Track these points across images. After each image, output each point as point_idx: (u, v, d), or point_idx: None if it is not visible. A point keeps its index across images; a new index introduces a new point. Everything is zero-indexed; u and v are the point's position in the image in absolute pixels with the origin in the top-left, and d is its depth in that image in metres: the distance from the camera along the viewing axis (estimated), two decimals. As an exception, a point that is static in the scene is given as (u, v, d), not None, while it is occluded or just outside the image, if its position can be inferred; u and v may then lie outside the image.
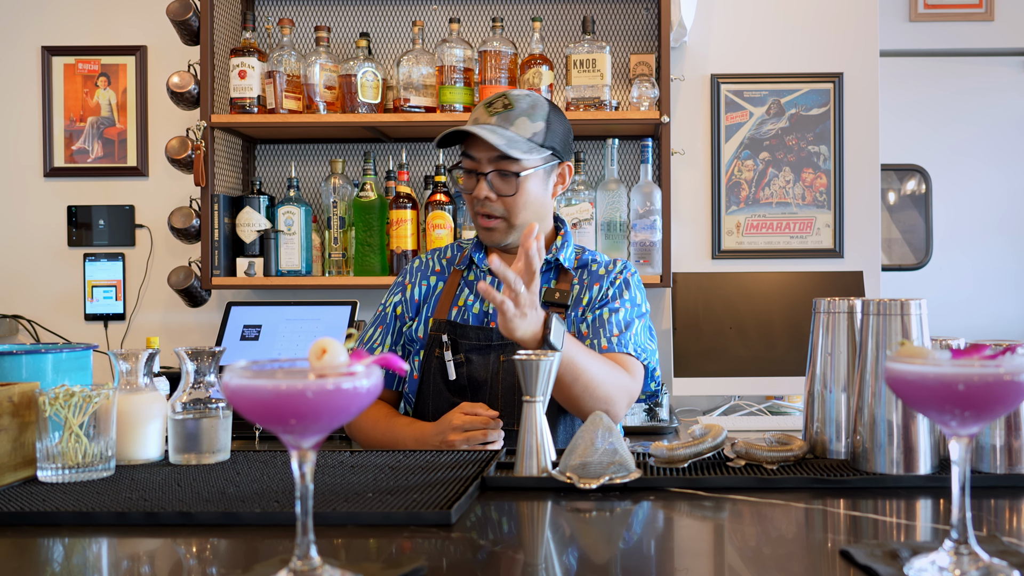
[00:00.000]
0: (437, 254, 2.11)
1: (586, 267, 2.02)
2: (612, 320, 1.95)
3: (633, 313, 1.98)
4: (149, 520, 1.14)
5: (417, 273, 2.07)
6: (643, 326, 2.01)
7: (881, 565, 0.93)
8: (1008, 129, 4.23)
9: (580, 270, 2.02)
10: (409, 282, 2.06)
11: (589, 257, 2.05)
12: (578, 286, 2.00)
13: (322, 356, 0.90)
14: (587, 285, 2.00)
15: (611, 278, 2.00)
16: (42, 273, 3.26)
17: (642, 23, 3.17)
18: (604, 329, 1.94)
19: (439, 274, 2.06)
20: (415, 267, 2.09)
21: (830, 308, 1.45)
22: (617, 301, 1.97)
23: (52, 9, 3.26)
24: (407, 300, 2.03)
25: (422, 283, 2.04)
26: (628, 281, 2.02)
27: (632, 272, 2.04)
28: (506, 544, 1.09)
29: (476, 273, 2.01)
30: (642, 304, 2.03)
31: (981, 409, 0.89)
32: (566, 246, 2.02)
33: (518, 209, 1.91)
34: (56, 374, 1.47)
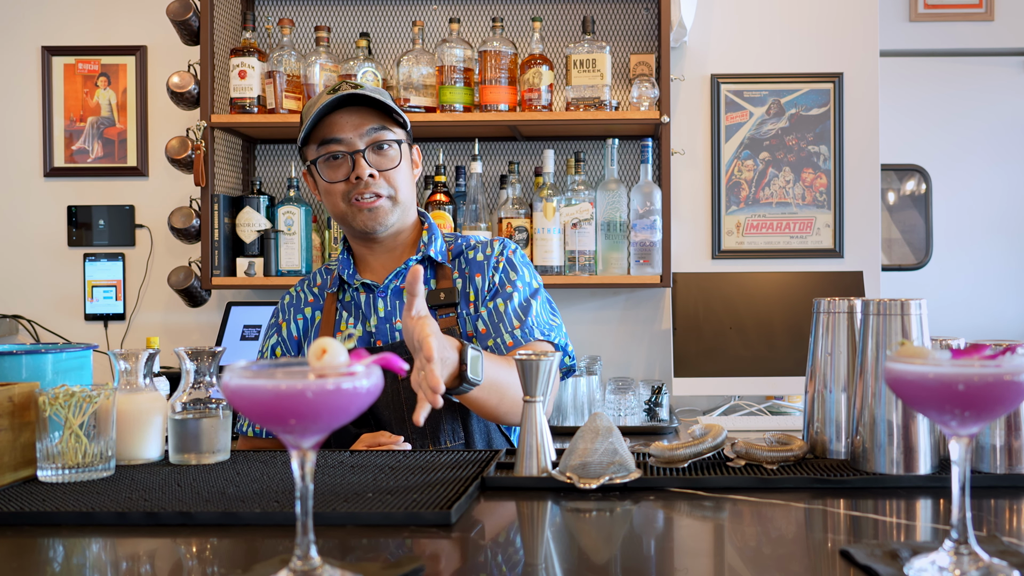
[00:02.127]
0: (307, 283, 2.00)
1: (462, 255, 1.92)
2: (509, 310, 1.85)
3: (526, 293, 1.88)
4: (149, 520, 1.14)
5: (290, 309, 1.96)
6: (541, 304, 1.91)
7: (881, 565, 0.93)
8: (1008, 129, 4.23)
9: (457, 259, 1.92)
10: (283, 320, 1.96)
11: (463, 244, 1.94)
12: (460, 279, 1.89)
13: (322, 356, 0.90)
14: (469, 276, 1.89)
15: (492, 263, 1.89)
16: (42, 273, 3.26)
17: (642, 23, 3.17)
18: (504, 323, 1.84)
19: (313, 304, 1.95)
20: (286, 304, 1.98)
21: (830, 308, 1.45)
22: (508, 287, 1.87)
23: (52, 9, 3.26)
24: (285, 340, 1.93)
25: (297, 318, 1.94)
26: (511, 261, 1.91)
27: (513, 249, 1.94)
28: (506, 544, 1.09)
29: (351, 293, 1.90)
30: (532, 280, 1.93)
31: (981, 409, 0.89)
32: (434, 239, 1.91)
33: (401, 182, 1.85)
34: (56, 374, 1.47)
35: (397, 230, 1.89)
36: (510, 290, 1.87)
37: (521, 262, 1.94)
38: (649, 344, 3.15)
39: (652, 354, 3.16)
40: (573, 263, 2.96)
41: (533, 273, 1.95)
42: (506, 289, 1.87)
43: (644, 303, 3.18)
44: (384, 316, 1.87)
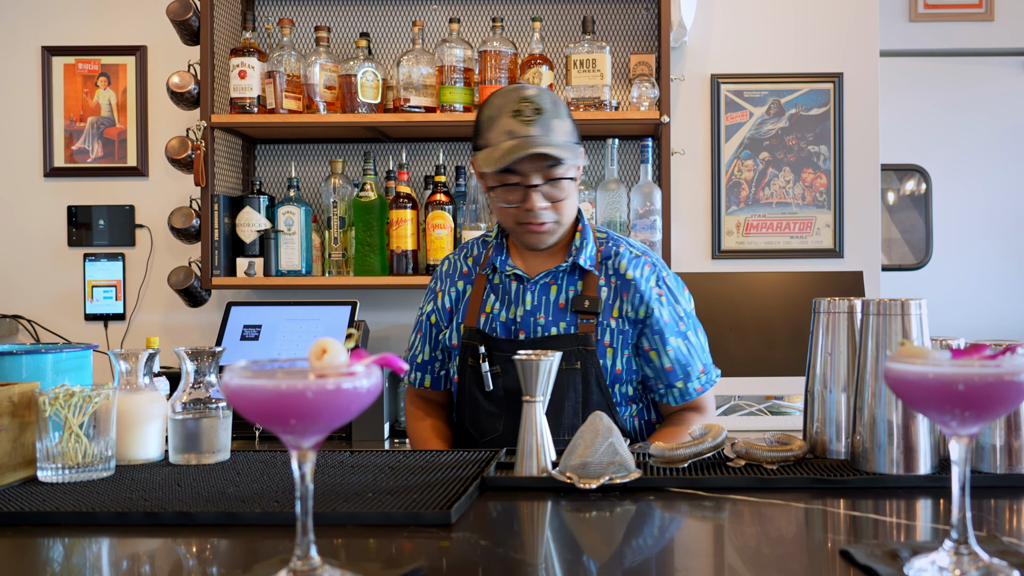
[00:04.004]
0: (464, 252, 2.07)
1: (610, 261, 1.95)
2: (674, 365, 1.91)
3: (685, 333, 1.94)
4: (149, 520, 1.14)
5: (446, 279, 2.04)
6: (697, 339, 1.97)
7: (881, 565, 0.93)
8: (1008, 129, 4.23)
9: (604, 264, 1.95)
10: (440, 289, 2.05)
11: (612, 249, 1.97)
12: (606, 287, 1.93)
13: (322, 356, 0.90)
14: (616, 290, 1.93)
15: (645, 291, 1.92)
16: (42, 273, 3.26)
17: (642, 23, 3.17)
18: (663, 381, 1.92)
19: (466, 276, 2.02)
20: (444, 272, 2.07)
21: (830, 308, 1.45)
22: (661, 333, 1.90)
23: (52, 9, 3.26)
24: (440, 308, 2.02)
25: (451, 290, 2.02)
26: (672, 291, 1.95)
27: (665, 273, 1.98)
28: (506, 544, 1.09)
29: (501, 278, 1.96)
30: (684, 306, 1.97)
31: (981, 409, 0.89)
32: (585, 244, 1.95)
33: (568, 211, 1.91)
34: (56, 374, 1.47)
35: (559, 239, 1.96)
36: (668, 334, 1.91)
37: (673, 287, 1.97)
38: (649, 344, 3.15)
39: (652, 354, 3.16)
40: (573, 263, 2.96)
41: (683, 293, 1.99)
42: (665, 335, 1.91)
43: (644, 303, 3.17)
44: (530, 309, 1.92)
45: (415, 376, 2.07)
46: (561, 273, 1.94)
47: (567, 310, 1.92)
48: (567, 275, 1.94)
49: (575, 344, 1.88)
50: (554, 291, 1.93)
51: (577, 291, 1.93)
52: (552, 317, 1.91)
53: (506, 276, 1.96)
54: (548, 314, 1.92)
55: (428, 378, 2.05)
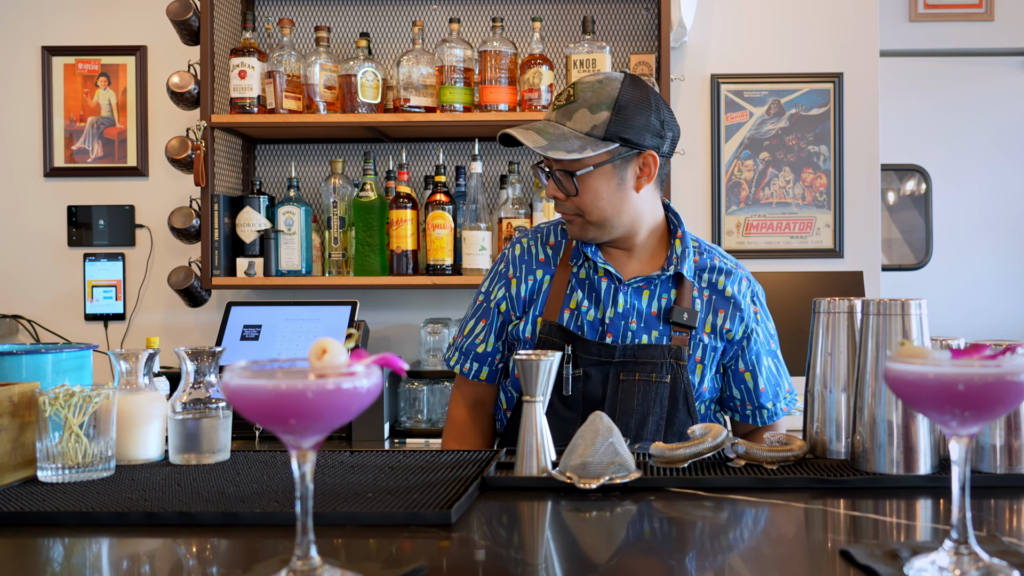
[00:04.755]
0: (540, 238, 1.92)
1: (706, 272, 1.86)
2: (767, 386, 1.87)
3: (776, 352, 1.90)
4: (149, 520, 1.14)
5: (522, 266, 1.89)
6: (783, 361, 1.94)
7: (881, 565, 0.93)
8: (1008, 129, 4.23)
9: (700, 275, 1.85)
10: (514, 276, 1.89)
11: (707, 260, 1.87)
12: (699, 300, 1.83)
13: (322, 356, 0.90)
14: (712, 304, 1.84)
15: (744, 310, 1.84)
16: (42, 273, 3.26)
17: (642, 23, 3.17)
18: (753, 403, 1.87)
19: (544, 265, 1.88)
20: (518, 256, 1.91)
21: (830, 308, 1.45)
22: (757, 354, 1.86)
23: (52, 9, 3.26)
24: (512, 298, 1.87)
25: (528, 278, 1.88)
26: (761, 304, 1.89)
27: (758, 289, 1.90)
28: (506, 544, 1.08)
29: (589, 272, 1.84)
30: (772, 325, 1.92)
31: (981, 409, 0.89)
32: (687, 255, 1.83)
33: (588, 207, 1.78)
34: (56, 374, 1.47)
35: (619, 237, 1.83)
36: (762, 356, 1.87)
37: (764, 307, 1.91)
38: (649, 344, 3.15)
39: (652, 354, 3.16)
40: (573, 263, 2.96)
41: (770, 315, 1.93)
42: (759, 356, 1.86)
43: (644, 303, 3.17)
44: (622, 312, 1.81)
45: (471, 366, 1.90)
46: (658, 279, 1.83)
47: (659, 319, 1.81)
48: (663, 282, 1.83)
49: (668, 357, 1.77)
50: (646, 297, 1.83)
51: (671, 300, 1.82)
52: (644, 324, 1.80)
53: (595, 271, 1.84)
54: (640, 320, 1.81)
55: (486, 370, 1.90)
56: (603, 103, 1.74)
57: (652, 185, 1.82)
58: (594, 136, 1.74)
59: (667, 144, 1.82)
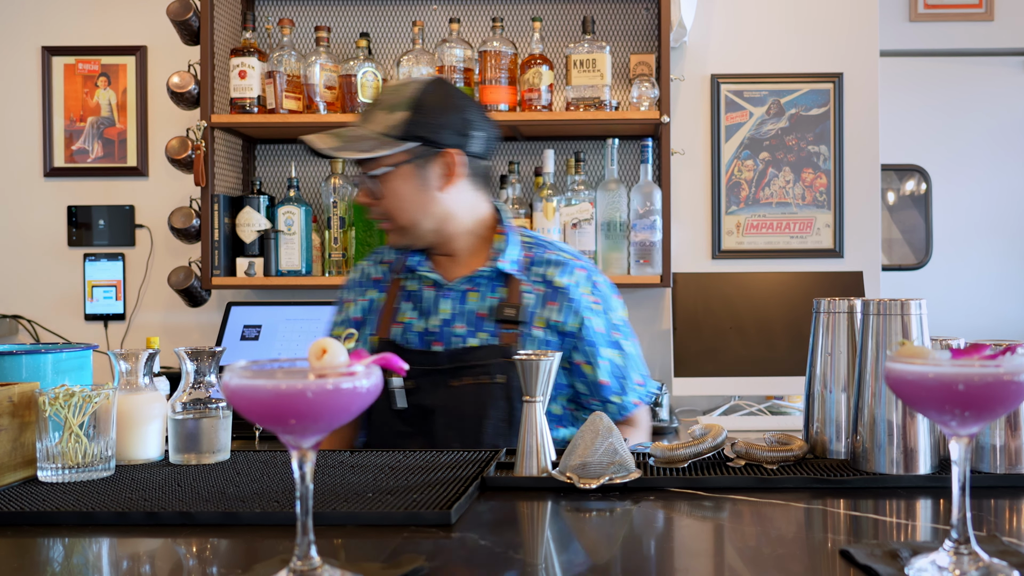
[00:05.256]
0: (378, 257, 1.94)
1: (536, 266, 1.81)
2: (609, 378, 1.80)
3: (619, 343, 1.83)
4: (149, 520, 1.14)
5: (356, 288, 1.92)
6: (633, 349, 1.86)
7: (881, 565, 0.93)
8: (1008, 129, 4.23)
9: (530, 270, 1.82)
10: (349, 300, 1.92)
11: (541, 254, 1.83)
12: (532, 295, 1.79)
13: (322, 356, 0.90)
14: (544, 298, 1.79)
15: (576, 300, 1.79)
16: (42, 273, 3.26)
17: (642, 23, 3.17)
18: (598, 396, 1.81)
19: (378, 284, 1.90)
20: (355, 280, 1.94)
21: (830, 308, 1.45)
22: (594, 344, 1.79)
23: (52, 9, 3.26)
24: (348, 321, 1.90)
25: (360, 300, 1.90)
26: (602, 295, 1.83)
27: (598, 279, 1.85)
28: (506, 544, 1.08)
29: (417, 284, 1.84)
30: (618, 314, 1.85)
31: (981, 409, 0.89)
32: (509, 247, 1.81)
33: (392, 210, 1.77)
34: (56, 374, 1.47)
35: (436, 241, 1.82)
36: (601, 346, 1.80)
37: (606, 298, 1.85)
38: (649, 344, 3.15)
39: (652, 354, 3.16)
40: (573, 263, 2.96)
41: (616, 302, 1.87)
42: (597, 347, 1.80)
43: (644, 303, 3.18)
44: (448, 318, 1.80)
45: None
46: (483, 279, 1.81)
47: (489, 319, 1.78)
48: (490, 281, 1.81)
49: (496, 356, 1.73)
50: (474, 299, 1.80)
51: (500, 299, 1.79)
52: (472, 327, 1.78)
53: (421, 281, 1.84)
54: (468, 323, 1.79)
55: None
56: (401, 103, 1.74)
57: (465, 184, 1.79)
58: (391, 136, 1.73)
59: (476, 143, 1.78)
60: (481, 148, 1.81)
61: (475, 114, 1.79)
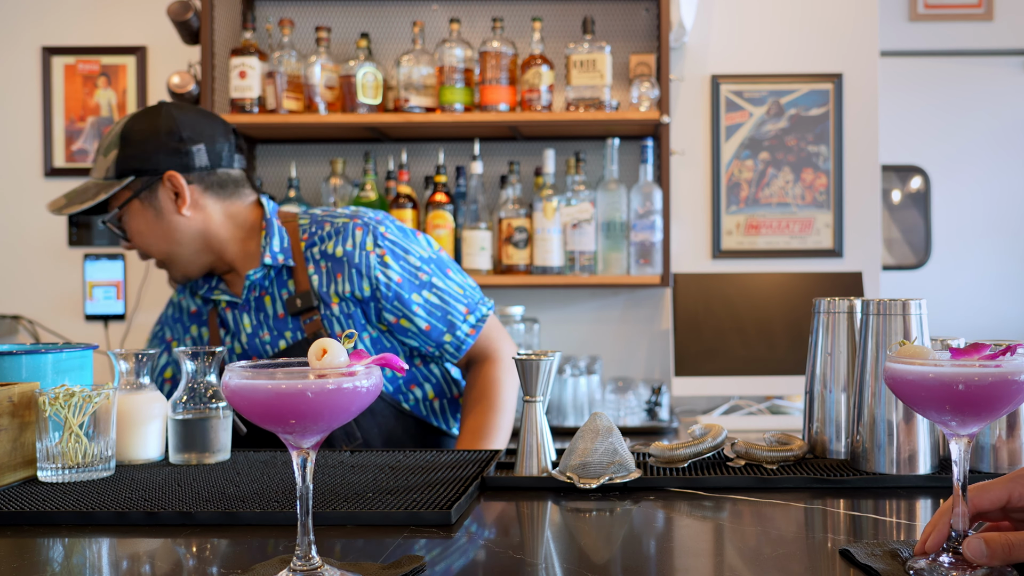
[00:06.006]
0: (190, 287, 1.89)
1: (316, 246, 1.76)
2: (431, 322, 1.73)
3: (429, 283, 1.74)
4: (149, 520, 1.14)
5: (176, 325, 1.89)
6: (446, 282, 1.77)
7: (881, 564, 0.93)
8: (1008, 129, 4.23)
9: (309, 251, 1.76)
10: (172, 338, 1.89)
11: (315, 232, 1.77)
12: (317, 276, 1.74)
13: (322, 356, 0.90)
14: (329, 273, 1.73)
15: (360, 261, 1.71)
16: (42, 273, 3.26)
17: (642, 23, 3.18)
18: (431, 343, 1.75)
19: (197, 317, 1.88)
20: (170, 316, 1.92)
21: (830, 308, 1.45)
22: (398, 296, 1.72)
23: (52, 9, 3.26)
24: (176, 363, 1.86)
25: (186, 337, 1.88)
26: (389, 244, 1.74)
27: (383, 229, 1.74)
28: (506, 544, 1.08)
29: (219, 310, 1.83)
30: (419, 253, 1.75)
31: (981, 409, 0.89)
32: (270, 240, 1.76)
33: (145, 247, 1.78)
34: (56, 374, 1.47)
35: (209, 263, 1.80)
36: (426, 279, 1.74)
37: (403, 237, 1.76)
38: (649, 344, 3.15)
39: (652, 354, 3.16)
40: (573, 263, 2.96)
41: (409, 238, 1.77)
42: (420, 279, 1.74)
43: (644, 303, 3.18)
44: (251, 331, 1.79)
45: None
46: (267, 280, 1.78)
47: (286, 316, 1.75)
48: (275, 280, 1.77)
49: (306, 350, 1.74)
50: (268, 302, 1.78)
51: (291, 292, 1.76)
52: (276, 330, 1.76)
53: (222, 307, 1.82)
54: (270, 329, 1.77)
55: None
56: (112, 143, 1.74)
57: (207, 199, 1.77)
58: (110, 178, 1.74)
59: (198, 157, 1.75)
60: (207, 160, 1.77)
61: (191, 129, 1.75)
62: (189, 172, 1.75)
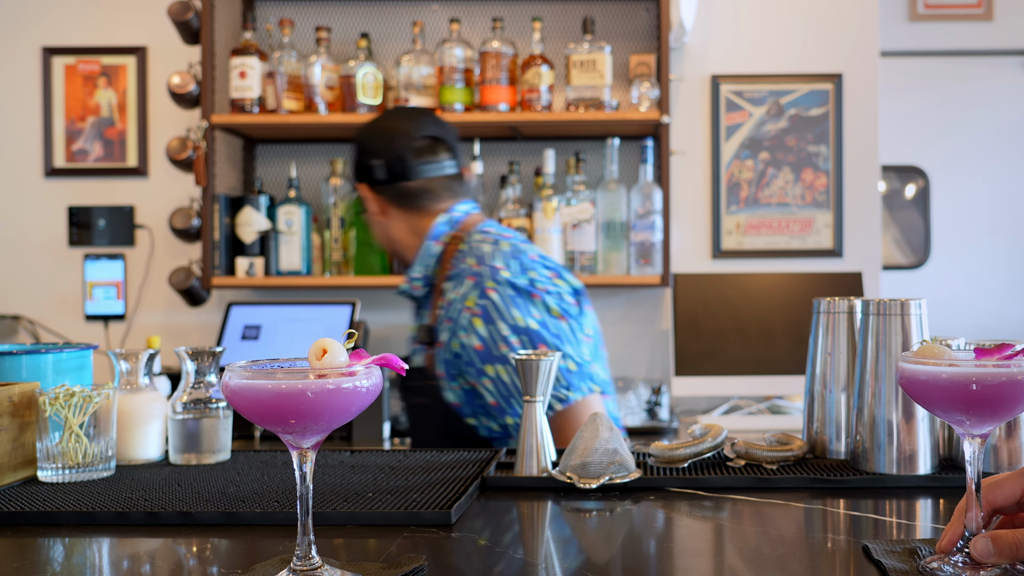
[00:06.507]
0: None
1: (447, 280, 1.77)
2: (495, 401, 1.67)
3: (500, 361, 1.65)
4: (149, 520, 1.14)
5: None
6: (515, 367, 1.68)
7: (893, 561, 0.92)
8: (1007, 129, 4.23)
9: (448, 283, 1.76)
10: None
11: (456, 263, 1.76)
12: (441, 310, 1.74)
13: (322, 356, 0.90)
14: (442, 317, 1.74)
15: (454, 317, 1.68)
16: (42, 273, 3.26)
17: (642, 23, 3.17)
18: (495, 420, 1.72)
19: None
20: None
21: (830, 308, 1.45)
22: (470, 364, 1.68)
23: (52, 9, 3.26)
24: None
25: None
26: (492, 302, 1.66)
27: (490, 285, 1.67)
28: (506, 544, 1.08)
29: None
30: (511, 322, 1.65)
31: (996, 409, 0.88)
32: (416, 264, 1.83)
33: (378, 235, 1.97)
34: (56, 374, 1.47)
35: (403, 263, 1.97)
36: (505, 351, 1.66)
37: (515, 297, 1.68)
38: (649, 344, 3.15)
39: (652, 354, 3.16)
40: (573, 263, 2.96)
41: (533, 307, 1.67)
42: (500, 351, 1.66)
43: (644, 303, 3.18)
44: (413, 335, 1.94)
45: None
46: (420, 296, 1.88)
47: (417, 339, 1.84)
48: (424, 299, 1.86)
49: (420, 379, 1.73)
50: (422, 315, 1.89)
51: (422, 321, 1.83)
52: (414, 347, 1.86)
53: None
54: (413, 340, 1.88)
55: None
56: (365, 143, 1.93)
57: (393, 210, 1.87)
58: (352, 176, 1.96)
59: (377, 171, 1.85)
60: (385, 174, 1.84)
61: (379, 142, 1.85)
62: (374, 185, 1.87)
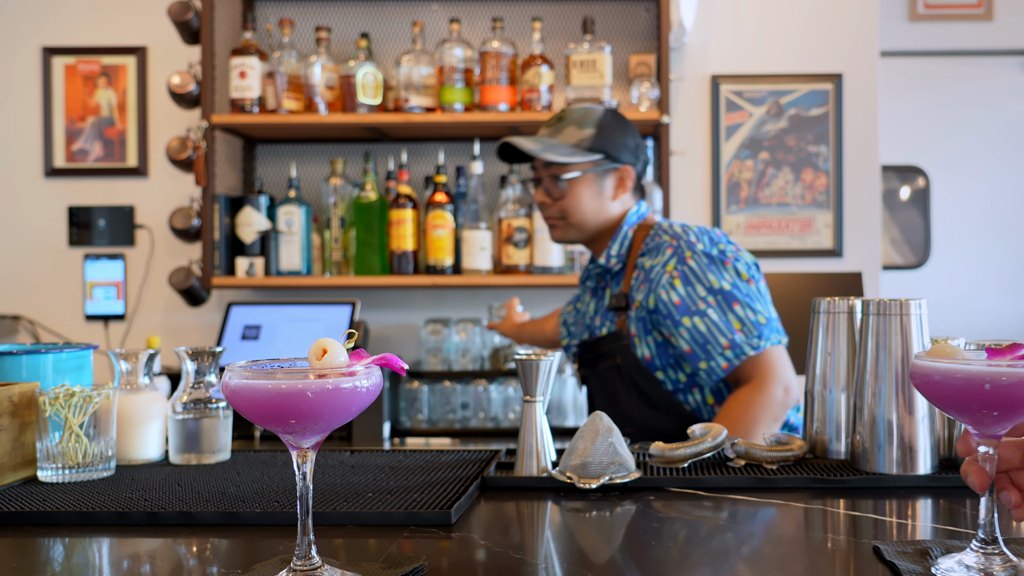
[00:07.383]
0: None
1: (642, 256, 2.00)
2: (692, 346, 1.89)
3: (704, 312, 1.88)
4: (149, 520, 1.14)
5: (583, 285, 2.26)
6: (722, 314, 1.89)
7: (905, 563, 0.92)
8: (1007, 129, 4.23)
9: (641, 259, 2.00)
10: None
11: (650, 243, 2.00)
12: (635, 281, 1.99)
13: (322, 356, 0.90)
14: (639, 281, 1.98)
15: (654, 279, 1.94)
16: (42, 273, 3.26)
17: (642, 23, 3.17)
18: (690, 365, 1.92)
19: None
20: None
21: (830, 308, 1.45)
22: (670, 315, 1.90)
23: (53, 9, 3.26)
24: None
25: None
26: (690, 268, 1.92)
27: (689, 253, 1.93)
28: (506, 544, 1.09)
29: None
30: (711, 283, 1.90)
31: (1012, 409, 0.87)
32: (613, 244, 2.04)
33: (570, 210, 2.03)
34: (56, 374, 1.47)
35: (590, 240, 2.08)
36: (703, 307, 1.89)
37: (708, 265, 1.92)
38: (649, 344, 3.15)
39: (652, 354, 3.16)
40: (573, 263, 2.96)
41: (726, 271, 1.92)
42: (697, 307, 1.89)
43: (644, 303, 3.17)
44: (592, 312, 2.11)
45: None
46: (603, 274, 2.08)
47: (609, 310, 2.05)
48: (612, 277, 2.07)
49: (613, 341, 1.98)
50: (607, 293, 2.07)
51: (615, 291, 2.05)
52: (603, 318, 2.05)
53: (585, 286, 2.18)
54: (602, 316, 2.06)
55: None
56: (589, 122, 2.03)
57: (627, 196, 2.07)
58: (580, 148, 2.01)
59: (640, 165, 2.09)
60: (643, 170, 2.11)
61: (642, 142, 2.10)
62: (636, 170, 2.07)
